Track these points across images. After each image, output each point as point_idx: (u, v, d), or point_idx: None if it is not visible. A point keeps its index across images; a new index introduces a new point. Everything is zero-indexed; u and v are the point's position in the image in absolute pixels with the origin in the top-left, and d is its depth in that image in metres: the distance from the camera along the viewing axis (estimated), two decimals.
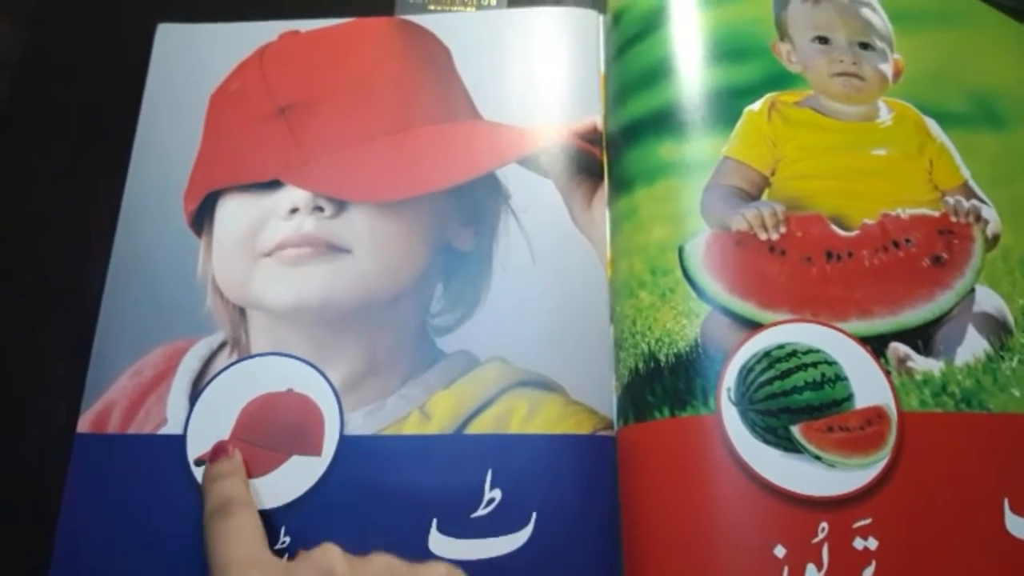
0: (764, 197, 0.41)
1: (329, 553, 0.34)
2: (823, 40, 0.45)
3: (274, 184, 0.45)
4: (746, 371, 0.37)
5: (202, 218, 0.46)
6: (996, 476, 0.36)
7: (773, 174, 0.42)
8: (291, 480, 0.40)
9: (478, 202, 0.45)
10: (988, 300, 0.39)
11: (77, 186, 0.48)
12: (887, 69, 0.44)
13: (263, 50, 0.50)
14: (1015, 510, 0.35)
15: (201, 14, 0.51)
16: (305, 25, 0.51)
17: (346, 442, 0.40)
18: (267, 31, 0.51)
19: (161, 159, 0.48)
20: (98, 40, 0.52)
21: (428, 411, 0.41)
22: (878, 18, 0.46)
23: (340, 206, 0.45)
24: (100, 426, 0.42)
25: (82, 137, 0.50)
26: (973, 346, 0.38)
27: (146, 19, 0.51)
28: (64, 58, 0.52)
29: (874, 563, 0.34)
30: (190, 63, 0.50)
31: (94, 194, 0.47)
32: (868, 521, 0.35)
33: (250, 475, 0.40)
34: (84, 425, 0.42)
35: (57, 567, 0.39)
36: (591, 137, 0.46)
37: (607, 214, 0.44)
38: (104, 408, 0.42)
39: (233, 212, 0.46)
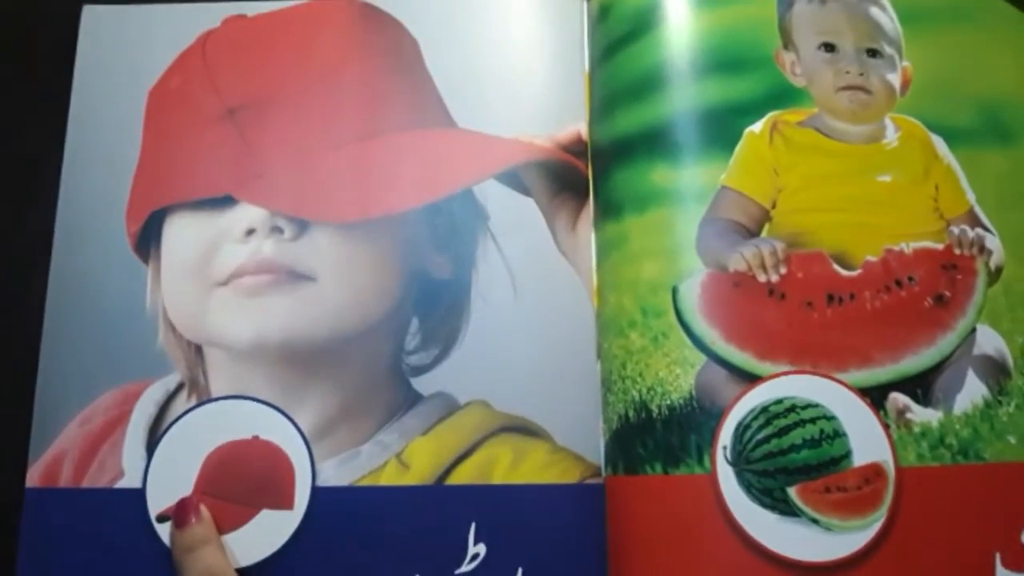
0: (764, 232, 0.39)
1: None
2: (829, 47, 0.41)
3: (226, 200, 0.41)
4: (743, 428, 0.36)
5: (148, 241, 0.42)
6: (989, 530, 0.35)
7: (774, 207, 0.39)
8: (262, 536, 0.38)
9: (454, 223, 0.42)
10: (988, 341, 0.38)
11: (4, 205, 0.43)
12: (895, 80, 0.41)
13: (205, 38, 0.44)
14: (1006, 564, 0.35)
15: None
16: (252, 8, 0.45)
17: (319, 494, 0.38)
18: (209, 14, 0.45)
19: (98, 169, 0.43)
20: (17, 28, 0.46)
21: (406, 460, 0.39)
22: (887, 19, 0.42)
23: (301, 226, 0.41)
24: (51, 480, 0.39)
25: (5, 147, 0.44)
26: (972, 392, 0.37)
27: (69, 1, 0.45)
28: None
29: None
30: (123, 53, 0.45)
31: (25, 213, 0.42)
32: None
33: (218, 532, 0.37)
34: (33, 479, 0.39)
35: None
36: (575, 149, 0.42)
37: (593, 237, 0.41)
38: (54, 460, 0.39)
39: (182, 234, 0.41)
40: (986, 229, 0.40)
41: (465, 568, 0.37)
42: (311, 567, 0.37)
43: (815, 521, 0.35)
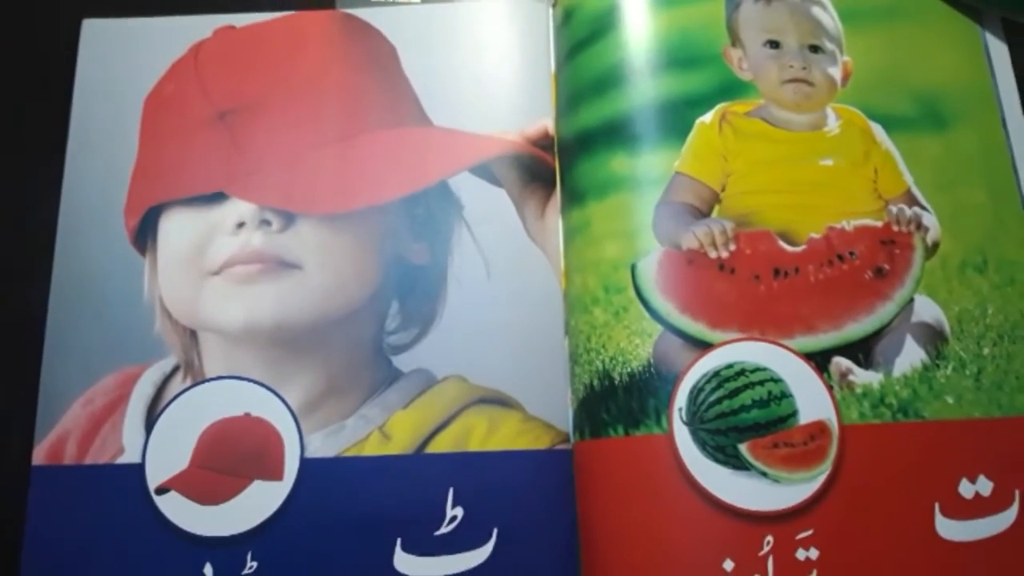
0: (715, 213, 0.42)
1: None
2: (774, 44, 0.44)
3: (218, 196, 0.44)
4: (696, 391, 0.38)
5: (145, 234, 0.45)
6: (928, 482, 0.38)
7: (723, 190, 0.42)
8: (254, 505, 0.40)
9: (431, 213, 0.45)
10: (926, 309, 0.41)
11: (10, 203, 0.46)
12: (836, 73, 0.44)
13: (197, 48, 0.48)
14: (945, 513, 0.38)
15: (128, 8, 0.49)
16: (240, 20, 0.48)
17: (307, 465, 0.41)
18: (200, 26, 0.48)
19: (97, 170, 0.46)
20: (20, 38, 0.49)
21: (388, 431, 0.41)
22: (828, 17, 0.45)
23: (288, 219, 0.44)
24: (56, 457, 0.41)
25: (11, 149, 0.47)
26: (911, 356, 0.40)
27: (70, 14, 0.48)
28: None
29: (815, 572, 0.36)
30: (120, 62, 0.48)
31: (29, 210, 0.45)
32: (810, 532, 0.37)
33: (212, 502, 0.40)
34: (39, 457, 0.41)
35: None
36: (543, 143, 0.45)
37: (560, 223, 0.44)
38: (58, 439, 0.42)
39: (177, 228, 0.44)
40: (923, 208, 0.43)
41: (444, 530, 0.40)
42: (300, 532, 0.40)
43: (764, 474, 0.37)
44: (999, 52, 0.46)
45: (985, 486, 0.38)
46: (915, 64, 0.45)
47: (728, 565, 0.36)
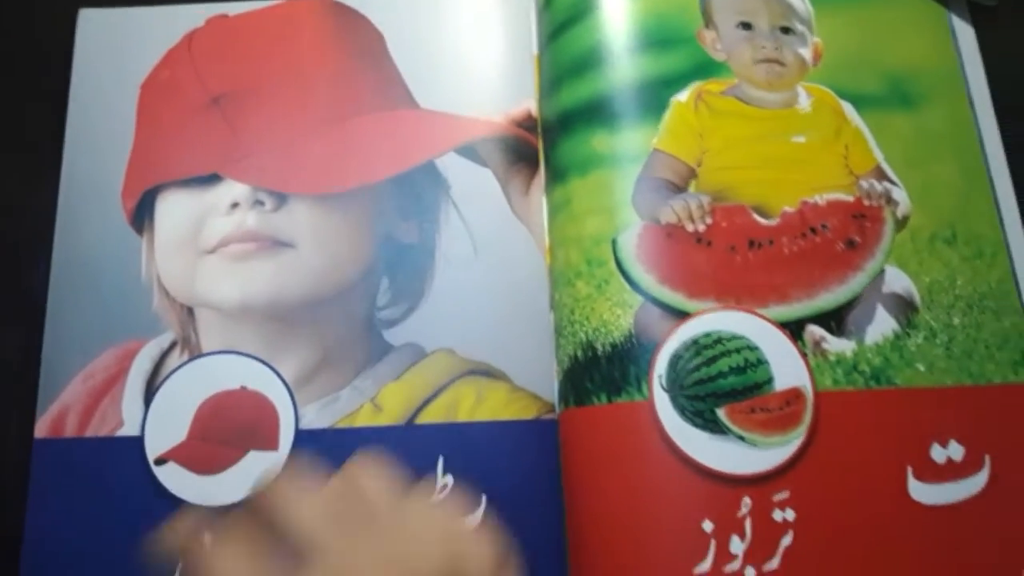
0: (691, 188, 0.43)
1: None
2: (746, 26, 0.46)
3: (213, 178, 0.46)
4: (675, 359, 0.40)
5: (142, 215, 0.46)
6: (901, 446, 0.40)
7: (699, 165, 0.44)
8: (250, 476, 0.41)
9: (419, 193, 0.46)
10: (897, 280, 0.42)
11: (10, 187, 0.48)
12: (807, 53, 0.46)
13: (191, 36, 0.49)
14: (917, 477, 0.39)
15: None
16: (233, 8, 0.50)
17: (302, 436, 0.42)
18: (194, 15, 0.49)
19: (95, 154, 0.47)
20: (18, 28, 0.51)
21: (379, 403, 0.43)
22: (798, 0, 0.47)
23: (281, 199, 0.45)
24: (57, 431, 0.43)
25: (11, 135, 0.48)
26: (882, 325, 0.41)
27: (66, 4, 0.50)
28: None
29: (791, 532, 0.38)
30: (116, 50, 0.49)
31: (30, 194, 0.47)
32: (786, 494, 0.38)
33: (209, 472, 0.41)
34: (41, 430, 0.43)
35: (25, 572, 0.40)
36: (527, 124, 0.47)
37: (544, 201, 0.45)
38: (59, 413, 0.43)
39: (173, 209, 0.46)
40: (893, 183, 0.44)
41: (435, 498, 0.41)
42: None
43: (742, 438, 0.39)
44: (965, 34, 0.48)
45: (956, 451, 0.40)
46: (884, 45, 0.47)
47: (707, 526, 0.38)
